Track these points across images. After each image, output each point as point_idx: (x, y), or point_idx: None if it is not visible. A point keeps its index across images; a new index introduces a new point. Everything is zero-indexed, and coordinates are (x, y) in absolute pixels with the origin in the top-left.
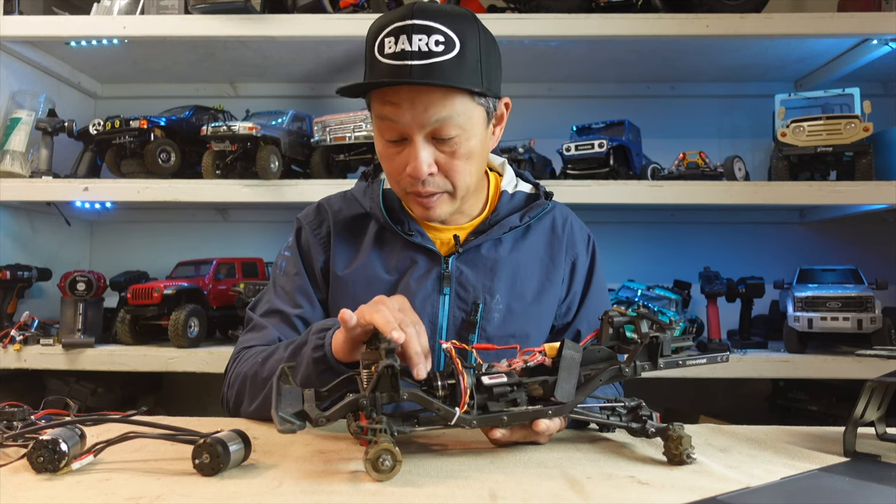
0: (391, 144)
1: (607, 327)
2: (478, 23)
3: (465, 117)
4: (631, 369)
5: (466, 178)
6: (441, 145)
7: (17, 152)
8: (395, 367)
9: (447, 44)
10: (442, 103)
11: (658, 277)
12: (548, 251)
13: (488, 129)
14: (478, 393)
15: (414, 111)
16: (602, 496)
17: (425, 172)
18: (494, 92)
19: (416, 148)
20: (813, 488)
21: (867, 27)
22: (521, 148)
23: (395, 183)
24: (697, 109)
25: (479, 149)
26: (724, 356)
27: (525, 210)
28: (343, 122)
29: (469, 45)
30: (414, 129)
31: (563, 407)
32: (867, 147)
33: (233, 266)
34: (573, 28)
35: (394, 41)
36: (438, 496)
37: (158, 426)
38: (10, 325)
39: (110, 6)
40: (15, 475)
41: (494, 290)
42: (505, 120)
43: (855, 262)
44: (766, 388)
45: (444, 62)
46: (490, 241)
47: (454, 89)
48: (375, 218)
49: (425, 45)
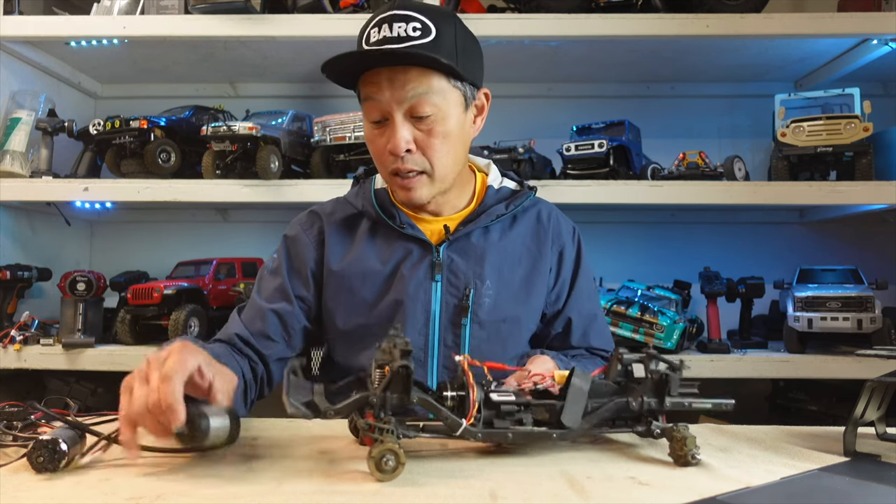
0: (375, 126)
1: (616, 363)
2: (456, 19)
3: (441, 97)
4: (638, 404)
5: (443, 157)
6: (419, 123)
7: (17, 152)
8: (409, 368)
9: (424, 30)
10: (418, 80)
11: (658, 277)
12: (534, 241)
13: (467, 115)
14: (485, 408)
15: (392, 88)
16: (602, 496)
17: (403, 148)
18: (471, 79)
19: (395, 125)
20: (813, 488)
21: (867, 27)
22: (521, 148)
23: (381, 166)
24: (697, 109)
25: (456, 131)
26: (729, 404)
27: (510, 199)
28: (343, 122)
29: (445, 33)
30: (393, 106)
31: (569, 432)
32: (867, 147)
33: (233, 266)
34: (573, 28)
35: (377, 30)
36: (438, 496)
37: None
38: (10, 325)
39: (110, 6)
40: (15, 475)
41: (484, 276)
42: (486, 111)
43: (855, 262)
44: (766, 388)
45: (419, 44)
46: (479, 229)
47: (430, 70)
48: (368, 215)
49: (403, 31)
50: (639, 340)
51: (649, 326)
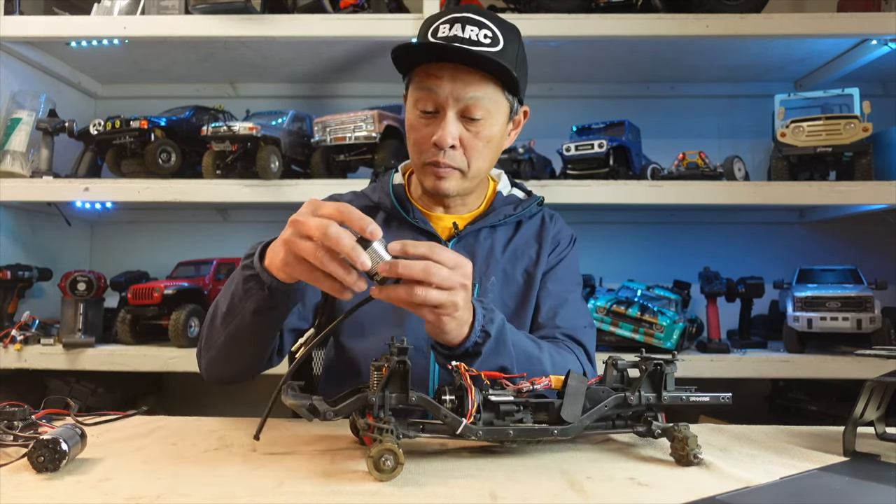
0: (424, 115)
1: (611, 370)
2: (520, 36)
3: (494, 104)
4: (636, 398)
5: (481, 161)
6: (468, 124)
7: (18, 152)
8: (406, 364)
9: (493, 39)
10: (479, 84)
11: (658, 277)
12: (536, 240)
13: (507, 127)
14: (485, 410)
15: (454, 85)
16: (602, 496)
17: (449, 142)
18: (520, 95)
19: (447, 119)
20: (813, 488)
21: (867, 27)
22: (521, 148)
23: (417, 154)
24: (697, 109)
25: (497, 138)
26: (727, 397)
27: (518, 204)
28: (343, 122)
29: (510, 48)
30: (449, 102)
31: (570, 428)
32: (867, 147)
33: (233, 266)
34: (573, 28)
35: (448, 27)
36: (438, 496)
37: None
38: (11, 325)
39: (110, 6)
40: (15, 475)
41: (489, 272)
42: (521, 126)
43: (855, 262)
44: (766, 388)
45: (488, 52)
46: (487, 228)
47: (490, 77)
48: (383, 207)
49: (475, 35)
50: (639, 340)
51: (649, 326)
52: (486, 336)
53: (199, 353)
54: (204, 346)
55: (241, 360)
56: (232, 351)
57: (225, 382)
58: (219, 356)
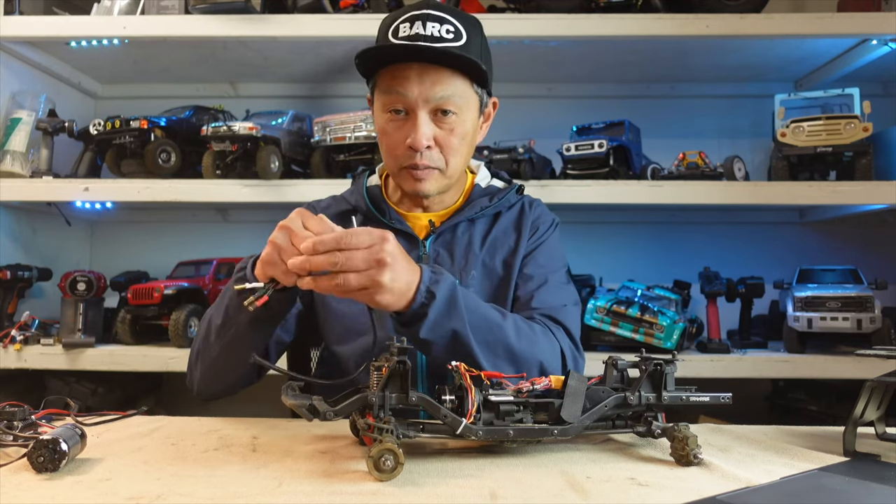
0: (394, 119)
1: (611, 370)
2: (481, 27)
3: (464, 100)
4: (636, 398)
5: (458, 157)
6: (440, 122)
7: (18, 152)
8: (406, 364)
9: (456, 34)
10: (447, 81)
11: (658, 277)
12: (515, 228)
13: (479, 120)
14: (485, 410)
15: (422, 86)
16: (602, 496)
17: (424, 144)
18: (488, 87)
19: (419, 121)
20: (813, 488)
21: (867, 27)
22: (521, 148)
23: (392, 158)
24: (697, 109)
25: (471, 133)
26: (727, 397)
27: (495, 195)
28: (343, 122)
29: (473, 41)
30: (419, 103)
31: (570, 428)
32: (867, 147)
33: (233, 266)
34: (573, 28)
35: (409, 26)
36: (438, 496)
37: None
38: (11, 325)
39: (110, 6)
40: (15, 475)
41: (469, 266)
42: (491, 119)
43: (855, 262)
44: (765, 388)
45: (452, 48)
46: (464, 222)
47: (458, 73)
48: (360, 210)
49: (437, 31)
50: (639, 340)
51: (649, 326)
52: (430, 296)
53: (191, 367)
54: (198, 360)
55: (235, 371)
56: (227, 362)
57: (215, 397)
58: (213, 368)
